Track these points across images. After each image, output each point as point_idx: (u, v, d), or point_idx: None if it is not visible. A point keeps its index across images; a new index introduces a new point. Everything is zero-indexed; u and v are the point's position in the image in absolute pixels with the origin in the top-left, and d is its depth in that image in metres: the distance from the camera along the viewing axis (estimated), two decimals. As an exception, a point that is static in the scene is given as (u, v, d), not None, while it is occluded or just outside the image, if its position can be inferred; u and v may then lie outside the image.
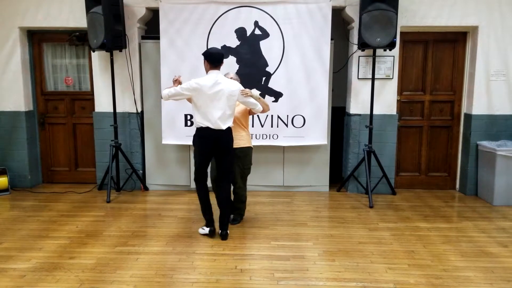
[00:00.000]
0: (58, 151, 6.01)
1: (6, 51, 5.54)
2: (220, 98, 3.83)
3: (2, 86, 5.60)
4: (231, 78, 4.14)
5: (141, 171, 5.70)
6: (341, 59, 5.68)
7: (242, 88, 3.98)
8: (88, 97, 5.82)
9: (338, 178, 5.97)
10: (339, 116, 5.89)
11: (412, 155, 5.77)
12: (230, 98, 3.88)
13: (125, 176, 5.59)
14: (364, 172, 5.31)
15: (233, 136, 4.04)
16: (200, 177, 4.08)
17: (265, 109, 4.20)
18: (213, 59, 3.89)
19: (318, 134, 5.36)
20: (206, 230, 4.11)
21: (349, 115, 5.56)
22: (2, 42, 5.52)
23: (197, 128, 3.96)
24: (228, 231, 4.06)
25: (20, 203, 5.19)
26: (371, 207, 4.99)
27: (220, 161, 4.04)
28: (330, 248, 3.86)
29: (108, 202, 5.14)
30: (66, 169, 6.04)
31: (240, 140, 4.20)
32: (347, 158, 5.68)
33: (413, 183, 5.80)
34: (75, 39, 5.63)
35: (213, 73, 3.90)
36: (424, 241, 4.02)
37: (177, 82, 4.07)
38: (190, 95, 3.90)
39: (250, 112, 4.30)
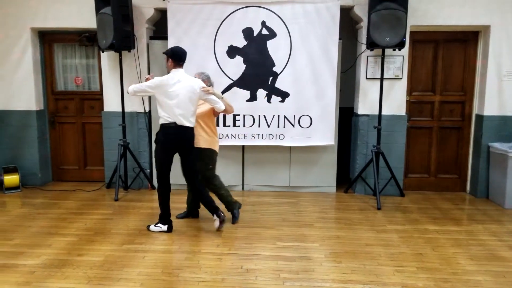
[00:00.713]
0: (68, 149, 6.08)
1: (18, 51, 5.62)
2: (182, 95, 3.92)
3: (14, 86, 5.68)
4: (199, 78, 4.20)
5: (148, 170, 5.73)
6: (349, 59, 5.64)
7: (203, 85, 4.05)
8: (97, 97, 5.88)
9: (345, 179, 5.93)
10: (346, 116, 5.85)
11: (421, 157, 5.71)
12: (192, 96, 3.96)
13: (133, 175, 5.63)
14: (372, 173, 5.27)
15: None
16: (163, 175, 4.13)
17: (228, 110, 4.24)
18: (178, 57, 3.99)
19: (325, 135, 5.33)
20: (164, 227, 4.19)
21: (357, 115, 5.52)
22: (14, 42, 5.60)
23: (161, 125, 4.03)
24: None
25: (30, 200, 5.26)
26: (379, 208, 4.95)
27: (183, 160, 4.13)
28: (337, 250, 3.84)
29: (116, 200, 5.18)
30: (76, 167, 6.10)
31: (198, 140, 4.19)
32: (355, 159, 5.64)
33: (422, 185, 5.74)
34: (85, 40, 5.69)
35: (177, 71, 3.99)
36: (433, 244, 3.97)
37: (148, 80, 4.12)
38: (153, 92, 4.02)
39: (215, 113, 4.31)
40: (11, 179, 5.58)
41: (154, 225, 4.25)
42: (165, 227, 4.20)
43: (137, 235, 4.15)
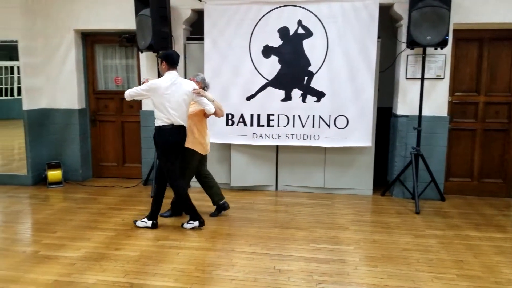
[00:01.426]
0: (107, 147, 6.28)
1: (62, 52, 5.87)
2: (176, 97, 4.03)
3: (58, 85, 5.94)
4: (194, 81, 4.27)
5: (184, 169, 5.82)
6: (388, 58, 5.49)
7: (195, 87, 4.14)
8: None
9: (383, 182, 5.78)
10: (385, 117, 5.70)
11: (463, 160, 5.47)
12: (185, 97, 4.07)
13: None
14: (411, 176, 5.10)
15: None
16: (175, 176, 4.19)
17: (218, 113, 4.30)
18: (172, 60, 4.10)
19: (362, 136, 5.22)
20: (149, 223, 4.28)
21: (396, 116, 5.37)
22: (58, 44, 5.85)
23: (159, 127, 4.08)
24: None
25: (71, 195, 5.47)
26: (417, 213, 4.79)
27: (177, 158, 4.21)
28: (373, 254, 3.74)
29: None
30: (114, 164, 6.30)
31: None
32: (393, 161, 5.49)
33: (464, 189, 5.50)
34: (124, 41, 5.85)
35: (171, 73, 4.09)
36: (475, 251, 3.79)
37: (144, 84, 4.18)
38: (148, 95, 4.07)
39: (206, 115, 4.33)
40: (54, 174, 5.84)
41: (187, 223, 4.30)
42: (196, 223, 4.23)
43: (172, 231, 4.21)
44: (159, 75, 5.43)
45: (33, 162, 5.88)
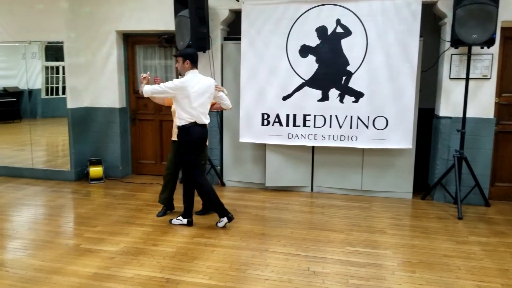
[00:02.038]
0: (146, 145, 6.44)
1: (104, 53, 6.07)
2: (202, 95, 4.09)
3: (101, 85, 6.15)
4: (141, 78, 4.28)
5: (219, 167, 5.87)
6: (431, 57, 5.31)
7: (215, 83, 4.27)
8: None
9: (423, 186, 5.58)
10: (426, 118, 5.51)
11: (511, 164, 5.19)
12: (209, 94, 4.19)
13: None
14: (453, 180, 4.90)
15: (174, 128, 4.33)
16: (199, 171, 4.27)
17: (229, 107, 4.49)
18: (195, 59, 4.17)
19: (402, 137, 5.06)
20: (184, 221, 4.34)
21: (439, 117, 5.17)
22: (101, 45, 6.06)
23: (182, 126, 4.09)
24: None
25: (111, 191, 5.65)
26: (460, 218, 4.59)
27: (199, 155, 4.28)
28: (411, 259, 3.62)
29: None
30: (153, 162, 6.45)
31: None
32: (435, 164, 5.29)
33: (511, 195, 5.22)
34: (164, 41, 5.98)
35: (193, 72, 4.15)
36: (522, 260, 3.60)
37: (145, 79, 4.20)
38: (174, 94, 4.05)
39: (218, 108, 4.54)
40: (95, 170, 6.05)
41: (219, 221, 4.33)
42: (225, 219, 4.25)
43: (207, 229, 4.26)
44: (178, 75, 5.52)
45: (76, 159, 6.13)
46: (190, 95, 4.02)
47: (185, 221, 4.36)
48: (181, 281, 3.21)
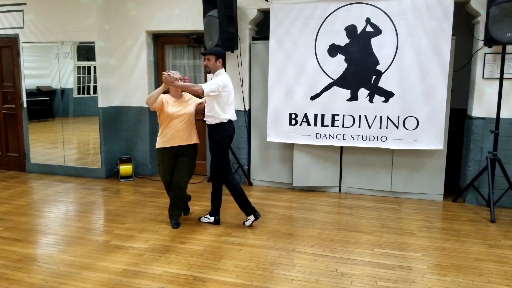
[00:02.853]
0: (174, 144, 6.51)
1: (134, 53, 6.19)
2: (232, 93, 4.22)
3: (131, 84, 6.28)
4: (177, 76, 4.18)
5: (246, 167, 5.89)
6: (463, 56, 5.17)
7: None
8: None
9: (455, 188, 5.45)
10: (458, 119, 5.36)
11: (547, 166, 5.00)
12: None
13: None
14: (486, 182, 4.76)
15: (193, 132, 4.33)
16: (230, 172, 4.31)
17: None
18: (225, 58, 4.33)
19: (433, 138, 4.95)
20: (211, 219, 4.39)
21: (471, 118, 5.03)
22: (132, 45, 6.19)
23: (215, 124, 4.14)
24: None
25: (141, 189, 5.75)
26: (492, 221, 4.45)
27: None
28: (442, 262, 3.54)
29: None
30: (181, 161, 6.52)
31: (194, 137, 4.38)
32: (467, 166, 5.14)
33: (548, 198, 5.03)
34: (192, 41, 6.05)
35: (225, 71, 4.24)
36: (560, 266, 3.46)
37: (173, 78, 4.08)
38: (221, 92, 4.07)
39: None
40: (125, 168, 6.18)
41: (246, 220, 4.35)
42: (252, 217, 4.29)
43: (234, 228, 4.28)
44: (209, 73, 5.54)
45: (107, 157, 6.28)
46: (231, 92, 4.16)
47: (212, 219, 4.40)
48: (208, 279, 3.24)
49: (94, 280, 3.23)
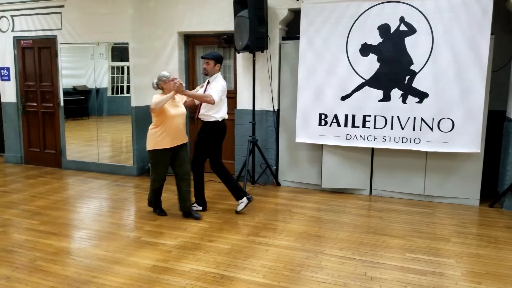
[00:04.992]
0: (204, 144, 6.57)
1: (167, 53, 6.30)
2: (225, 93, 4.53)
3: (162, 84, 6.37)
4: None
5: (274, 167, 5.87)
6: (503, 56, 4.96)
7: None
8: (231, 95, 6.22)
9: (492, 192, 5.23)
10: (497, 121, 5.15)
11: None
12: None
13: (259, 170, 5.84)
14: (526, 187, 4.54)
15: (184, 131, 4.56)
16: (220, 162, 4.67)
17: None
18: (222, 63, 4.62)
19: (469, 141, 4.77)
20: (245, 200, 4.62)
21: (510, 120, 4.81)
22: (164, 45, 6.29)
23: (216, 121, 4.49)
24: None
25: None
26: (532, 229, 4.25)
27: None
28: (476, 269, 3.40)
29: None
30: (213, 160, 6.58)
31: (185, 136, 4.58)
32: (505, 170, 4.92)
33: None
34: (223, 42, 6.09)
35: (220, 75, 4.55)
36: None
37: (183, 87, 4.33)
38: (224, 94, 4.46)
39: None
40: (156, 167, 6.27)
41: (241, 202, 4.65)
42: (245, 199, 4.60)
43: (262, 228, 4.27)
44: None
45: (138, 155, 6.41)
46: (225, 93, 4.51)
47: (245, 200, 4.60)
48: (235, 278, 3.24)
49: (124, 274, 3.30)
